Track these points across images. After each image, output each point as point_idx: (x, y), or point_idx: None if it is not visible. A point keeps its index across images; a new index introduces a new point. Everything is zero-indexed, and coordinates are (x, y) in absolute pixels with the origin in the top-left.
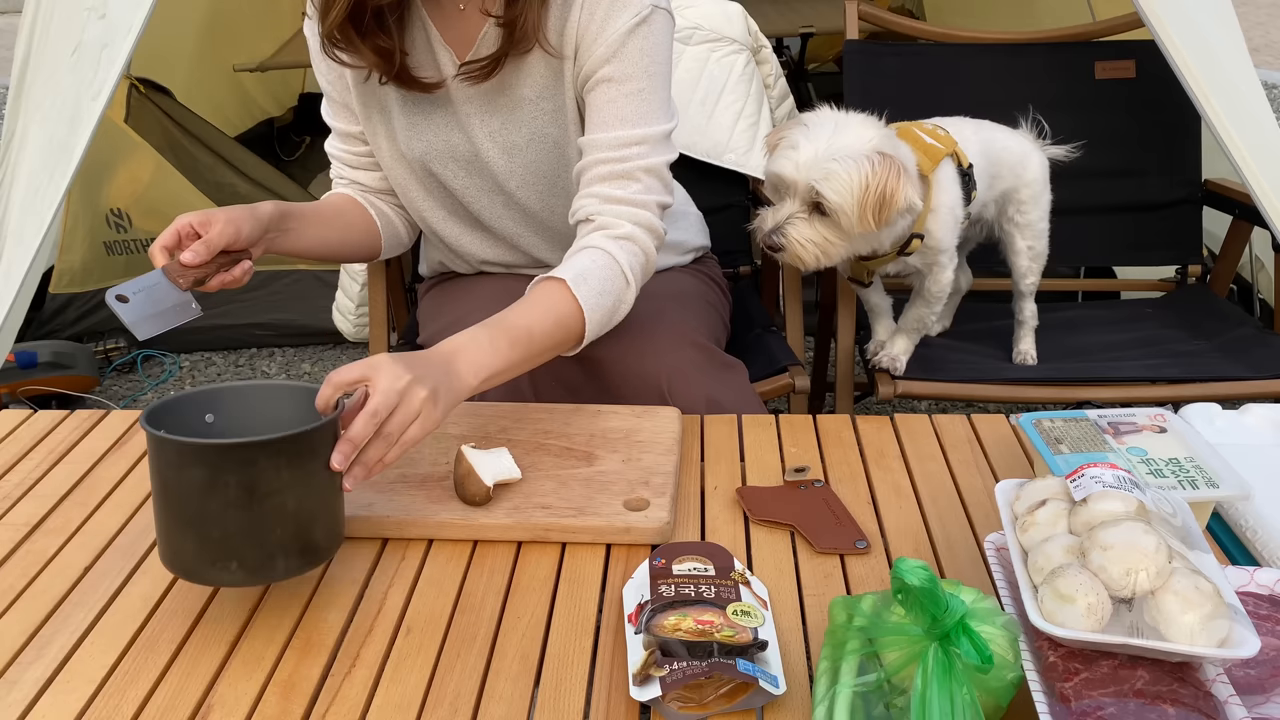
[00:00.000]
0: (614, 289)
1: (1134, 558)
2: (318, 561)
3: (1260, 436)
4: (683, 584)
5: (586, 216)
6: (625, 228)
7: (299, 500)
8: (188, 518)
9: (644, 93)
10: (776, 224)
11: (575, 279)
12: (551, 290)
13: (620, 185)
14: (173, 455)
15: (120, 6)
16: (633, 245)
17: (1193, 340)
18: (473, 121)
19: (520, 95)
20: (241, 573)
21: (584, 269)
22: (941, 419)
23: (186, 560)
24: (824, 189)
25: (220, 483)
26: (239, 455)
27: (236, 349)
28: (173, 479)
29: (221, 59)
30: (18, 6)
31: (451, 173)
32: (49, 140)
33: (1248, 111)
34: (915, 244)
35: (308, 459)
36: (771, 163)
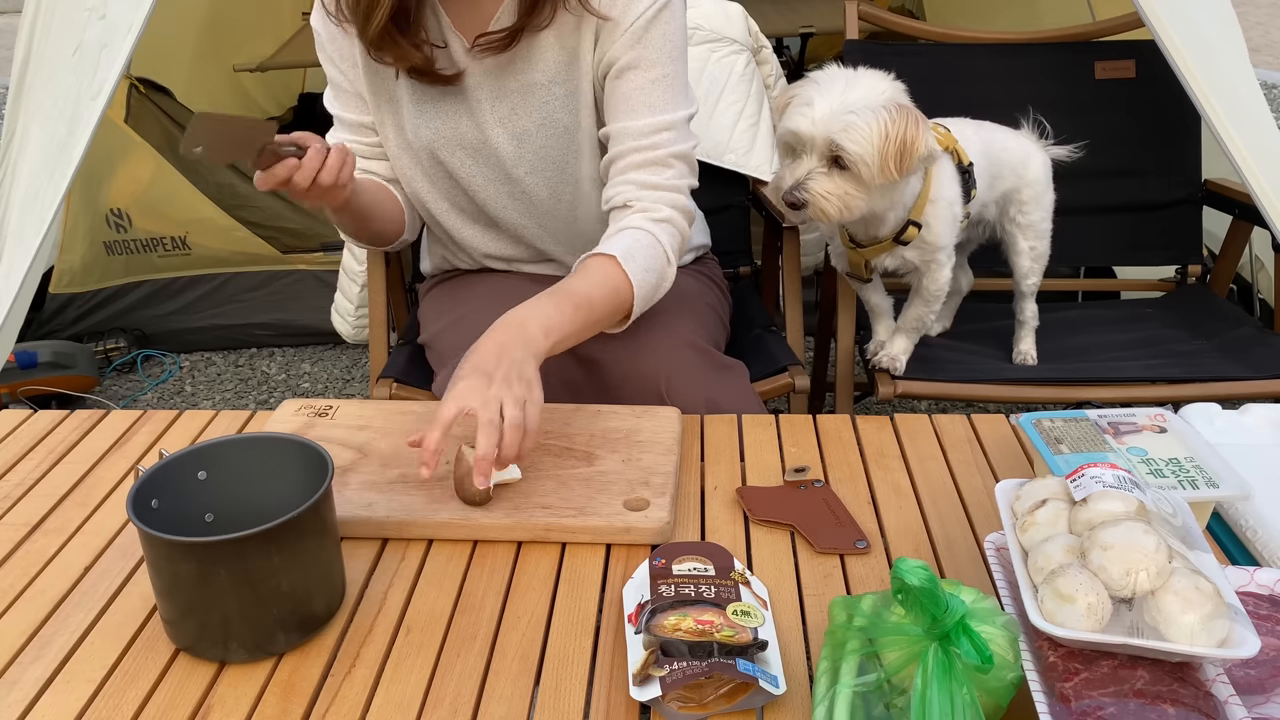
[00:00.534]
0: (657, 267)
1: (1134, 558)
2: (319, 628)
3: (1260, 436)
4: (683, 584)
5: (624, 202)
6: (664, 211)
7: (293, 581)
8: (183, 605)
9: (668, 78)
10: (797, 180)
11: (624, 255)
12: (604, 264)
13: (655, 172)
14: (162, 548)
15: (120, 6)
16: (671, 228)
17: (1193, 340)
18: (483, 107)
19: (532, 80)
20: (243, 651)
21: (630, 247)
22: (941, 419)
23: (188, 640)
24: (844, 141)
25: (212, 574)
26: (228, 549)
27: (236, 349)
28: (165, 569)
29: (221, 59)
30: (18, 6)
31: (459, 160)
32: (49, 140)
33: (1248, 111)
34: (911, 232)
35: (296, 540)
36: (786, 120)
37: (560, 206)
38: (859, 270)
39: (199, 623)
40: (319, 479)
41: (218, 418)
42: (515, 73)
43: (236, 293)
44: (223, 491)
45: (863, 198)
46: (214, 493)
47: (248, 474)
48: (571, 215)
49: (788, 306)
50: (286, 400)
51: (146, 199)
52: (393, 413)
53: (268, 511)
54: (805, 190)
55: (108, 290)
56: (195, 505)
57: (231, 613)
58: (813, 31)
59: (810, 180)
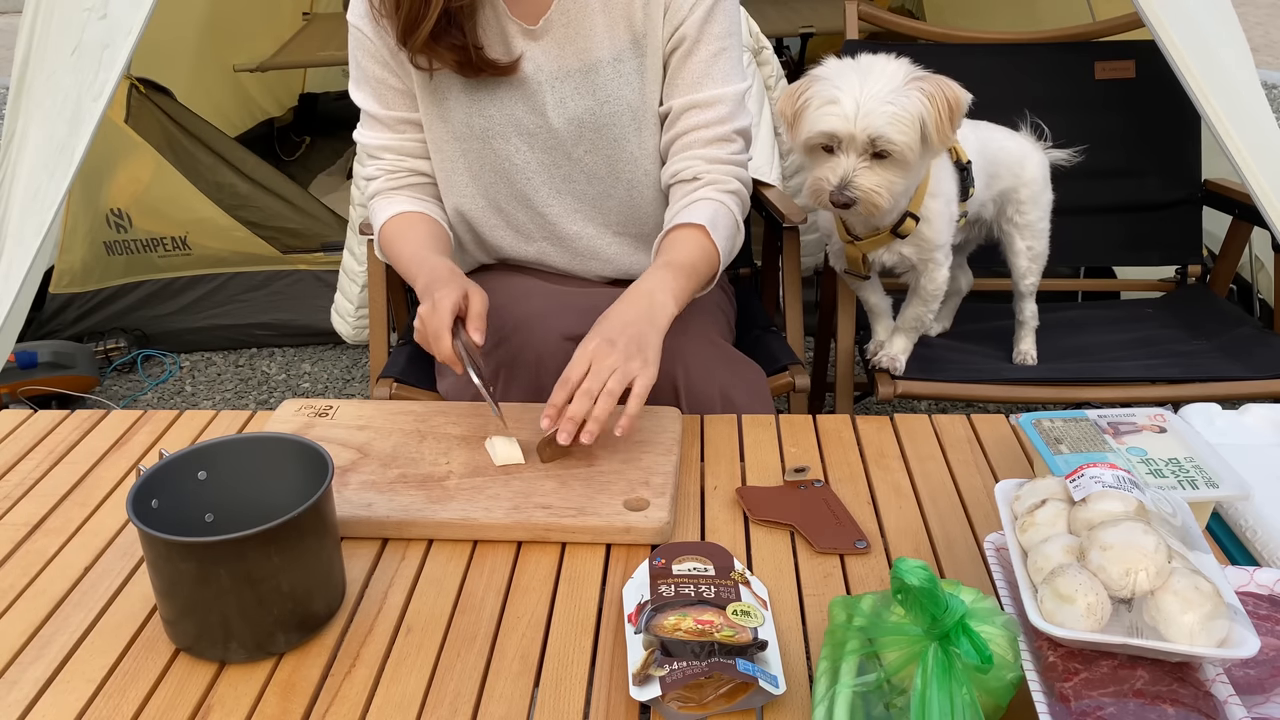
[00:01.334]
0: (732, 234)
1: (1133, 558)
2: (319, 628)
3: (1260, 436)
4: (683, 584)
5: (694, 175)
6: (733, 184)
7: (293, 581)
8: (183, 605)
9: (728, 52)
10: (842, 180)
11: (710, 224)
12: (696, 234)
13: (720, 147)
14: (162, 549)
15: (120, 7)
16: (738, 200)
17: (1192, 340)
18: (543, 89)
19: (596, 58)
20: (243, 652)
21: (714, 216)
22: (941, 419)
23: (188, 640)
24: (890, 133)
25: (212, 574)
26: (228, 549)
27: (236, 349)
28: (165, 569)
29: (221, 59)
30: (18, 6)
31: (514, 147)
32: (49, 140)
33: (1248, 111)
34: (909, 224)
35: (296, 541)
36: (814, 123)
37: (619, 186)
38: (856, 266)
39: (198, 623)
40: (319, 479)
41: (218, 418)
42: (576, 52)
43: (236, 293)
44: (223, 491)
45: (904, 181)
46: (214, 493)
47: (248, 474)
48: (629, 194)
49: (788, 306)
50: (286, 400)
51: (147, 199)
52: (393, 413)
53: (268, 511)
54: (854, 189)
55: (108, 290)
56: (195, 505)
57: (231, 613)
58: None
59: (856, 177)
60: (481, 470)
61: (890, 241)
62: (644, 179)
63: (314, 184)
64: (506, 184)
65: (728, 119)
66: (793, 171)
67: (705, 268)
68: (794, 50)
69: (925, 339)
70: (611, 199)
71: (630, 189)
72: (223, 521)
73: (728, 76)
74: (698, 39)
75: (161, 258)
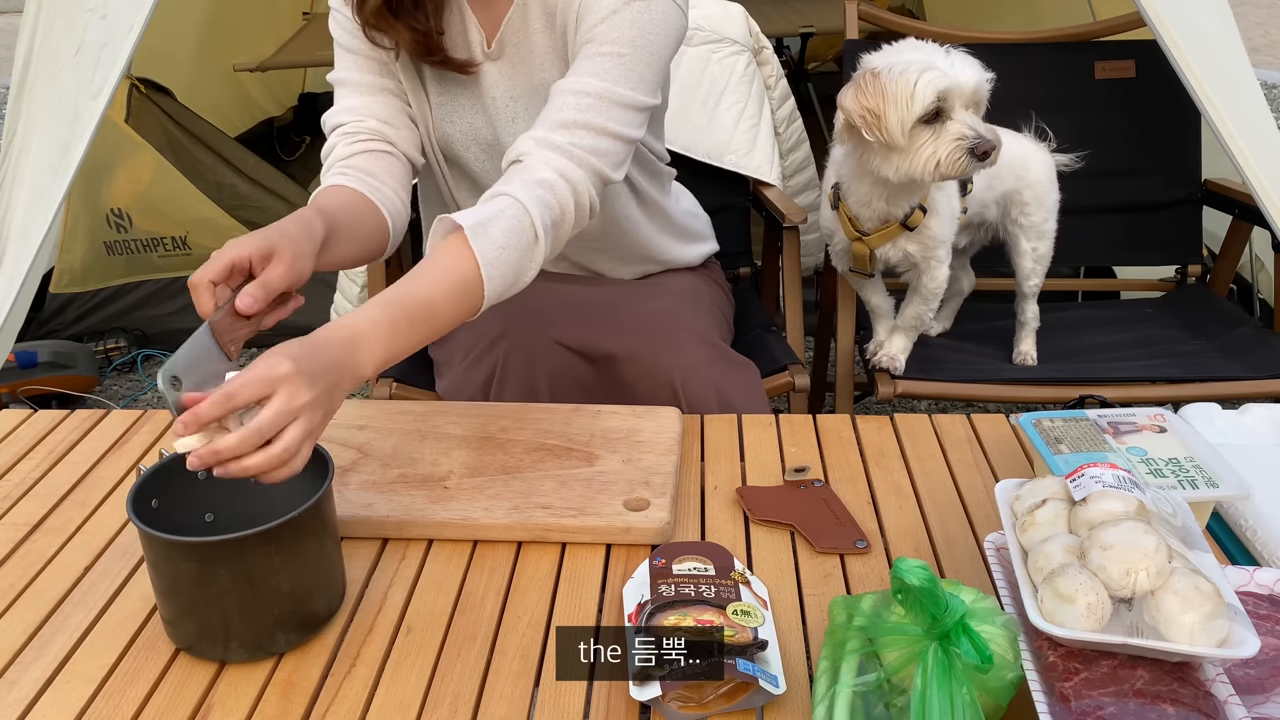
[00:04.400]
0: (520, 243)
1: (1134, 557)
2: (319, 628)
3: (1260, 436)
4: (683, 584)
5: (516, 158)
6: (546, 174)
7: (293, 581)
8: (183, 605)
9: (623, 58)
10: (979, 132)
11: (474, 228)
12: (452, 246)
13: (564, 132)
14: (162, 549)
15: (121, 7)
16: (548, 196)
17: (1192, 340)
18: (498, 106)
19: (540, 81)
20: (243, 651)
21: (488, 217)
22: (941, 419)
23: (188, 640)
24: (986, 88)
25: (213, 574)
26: (228, 549)
27: None
28: (165, 569)
29: (221, 59)
30: (18, 6)
31: (473, 156)
32: (50, 140)
33: (1248, 111)
34: (918, 216)
35: (297, 540)
36: (926, 91)
37: None
38: (863, 264)
39: (199, 623)
40: (320, 479)
41: None
42: (525, 74)
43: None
44: (223, 491)
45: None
46: (214, 493)
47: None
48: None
49: (788, 306)
50: None
51: (147, 199)
52: (393, 413)
53: (268, 511)
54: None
55: (108, 290)
56: (196, 505)
57: (232, 613)
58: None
59: (980, 127)
60: (481, 470)
61: (898, 235)
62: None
63: (314, 184)
64: (475, 187)
65: (588, 110)
66: (793, 171)
67: (453, 300)
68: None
69: (925, 339)
70: None
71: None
72: (223, 521)
73: (613, 76)
74: (589, 38)
75: (161, 258)
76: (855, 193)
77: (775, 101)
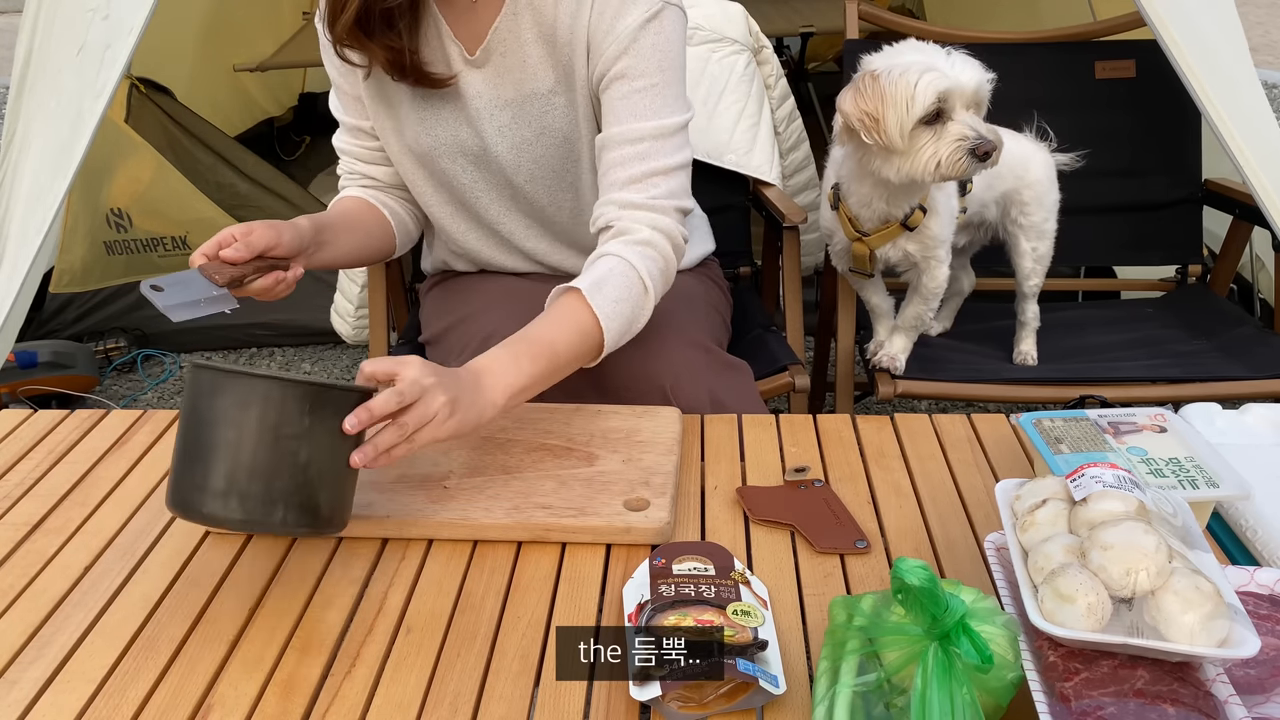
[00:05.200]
0: (631, 296)
1: (1134, 557)
2: (316, 527)
3: (1260, 436)
4: (683, 584)
5: (606, 224)
6: (644, 233)
7: (310, 453)
8: (202, 446)
9: (657, 87)
10: (980, 133)
11: (591, 288)
12: (569, 302)
13: (638, 189)
14: (206, 383)
15: (122, 7)
16: (651, 251)
17: (1193, 340)
18: (482, 116)
19: (532, 90)
20: (240, 511)
21: (600, 277)
22: (941, 419)
23: (188, 492)
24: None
25: (243, 415)
26: (265, 389)
27: (236, 349)
28: (202, 407)
29: (221, 59)
30: (18, 6)
31: (460, 168)
32: (50, 140)
33: (1249, 111)
34: (918, 216)
35: (329, 417)
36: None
37: (561, 214)
38: (863, 264)
39: (206, 468)
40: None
41: None
42: (514, 83)
43: None
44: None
45: None
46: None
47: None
48: (573, 223)
49: (788, 306)
50: None
51: (147, 199)
52: None
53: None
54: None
55: (108, 290)
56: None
57: (243, 460)
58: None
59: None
60: (481, 470)
61: (898, 235)
62: (586, 209)
63: (314, 184)
64: (461, 199)
65: (648, 156)
66: (793, 171)
67: (574, 346)
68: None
69: (925, 339)
70: (557, 224)
71: (574, 216)
72: None
73: (654, 110)
74: (618, 75)
75: (161, 257)
76: (855, 193)
77: (775, 101)
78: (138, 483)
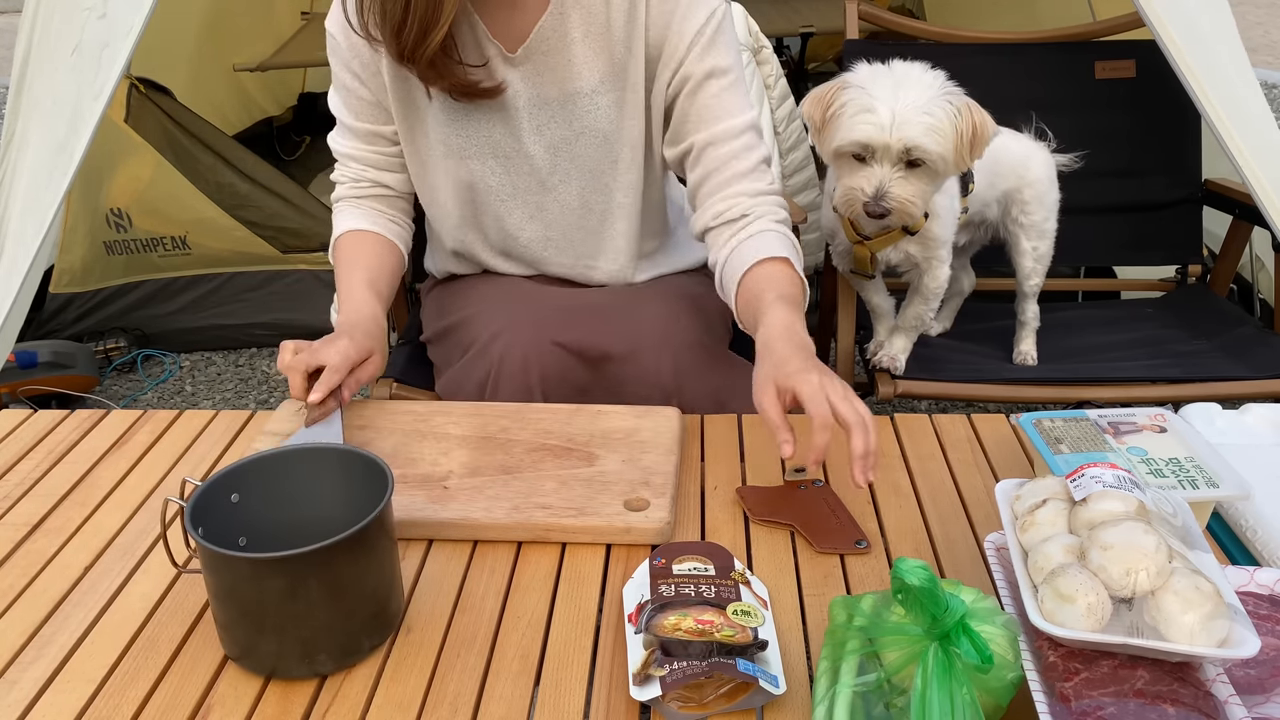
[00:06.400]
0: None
1: (1134, 557)
2: (394, 626)
3: (1260, 436)
4: (683, 584)
5: (742, 213)
6: (781, 214)
7: (375, 582)
8: (268, 624)
9: (739, 83)
10: (878, 190)
11: (793, 256)
12: (784, 268)
13: (756, 179)
14: (246, 570)
15: (120, 6)
16: (789, 228)
17: (1193, 340)
18: (520, 115)
19: (575, 88)
20: (330, 663)
21: (789, 248)
22: (941, 419)
23: (269, 661)
24: (927, 143)
25: (303, 587)
26: (319, 558)
27: (236, 349)
28: (248, 590)
29: (221, 59)
30: (18, 6)
31: (488, 169)
32: (49, 140)
33: (1248, 111)
34: (919, 220)
35: (377, 539)
36: (848, 132)
37: (590, 217)
38: (864, 266)
39: (281, 640)
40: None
41: (218, 418)
42: (556, 81)
43: (236, 293)
44: (250, 512)
45: (932, 190)
46: (244, 515)
47: (282, 491)
48: (600, 225)
49: None
50: (286, 400)
51: (146, 199)
52: (393, 413)
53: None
54: (889, 199)
55: (108, 290)
56: (230, 532)
57: (319, 624)
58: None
59: (891, 187)
60: (481, 470)
61: (900, 239)
62: (616, 211)
63: (314, 183)
64: (481, 203)
65: (754, 148)
66: (793, 171)
67: (801, 299)
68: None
69: (926, 339)
70: (583, 229)
71: (603, 220)
72: (257, 544)
73: (743, 105)
74: (707, 75)
75: (161, 257)
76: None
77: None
78: (138, 483)
